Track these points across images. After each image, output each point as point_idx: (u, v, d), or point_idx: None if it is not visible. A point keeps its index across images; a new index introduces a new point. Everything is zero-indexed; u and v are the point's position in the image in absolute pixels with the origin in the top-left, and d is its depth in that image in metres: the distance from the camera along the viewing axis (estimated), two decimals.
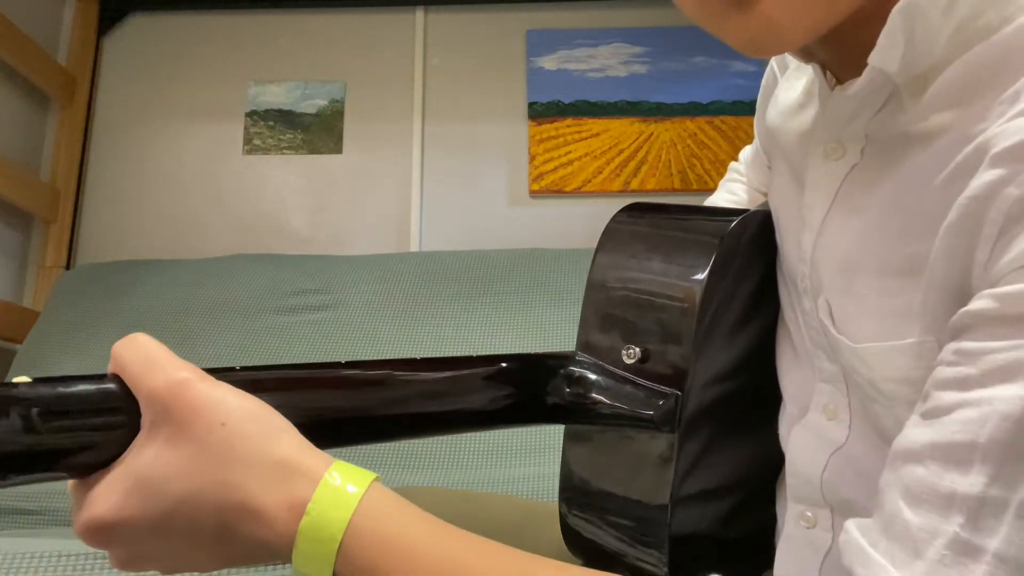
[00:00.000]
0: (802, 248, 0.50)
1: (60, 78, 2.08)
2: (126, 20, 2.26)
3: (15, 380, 0.35)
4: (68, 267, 2.04)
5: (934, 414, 0.34)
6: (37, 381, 0.35)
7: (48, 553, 0.86)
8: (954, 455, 0.33)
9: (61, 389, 0.36)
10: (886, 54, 0.40)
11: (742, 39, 0.41)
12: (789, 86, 0.57)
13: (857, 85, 0.43)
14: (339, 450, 0.47)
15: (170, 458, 0.35)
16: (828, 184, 0.48)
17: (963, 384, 0.34)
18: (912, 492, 0.34)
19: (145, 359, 0.37)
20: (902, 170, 0.42)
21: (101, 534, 0.35)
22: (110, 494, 0.35)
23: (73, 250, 2.09)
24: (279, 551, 0.35)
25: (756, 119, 0.68)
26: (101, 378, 0.38)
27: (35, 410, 0.34)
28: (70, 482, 0.38)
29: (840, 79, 0.48)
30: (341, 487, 0.35)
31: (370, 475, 0.37)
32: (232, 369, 0.40)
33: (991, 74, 0.38)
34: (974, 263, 0.36)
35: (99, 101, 2.20)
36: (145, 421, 0.36)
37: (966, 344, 0.34)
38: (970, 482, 0.32)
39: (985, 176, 0.35)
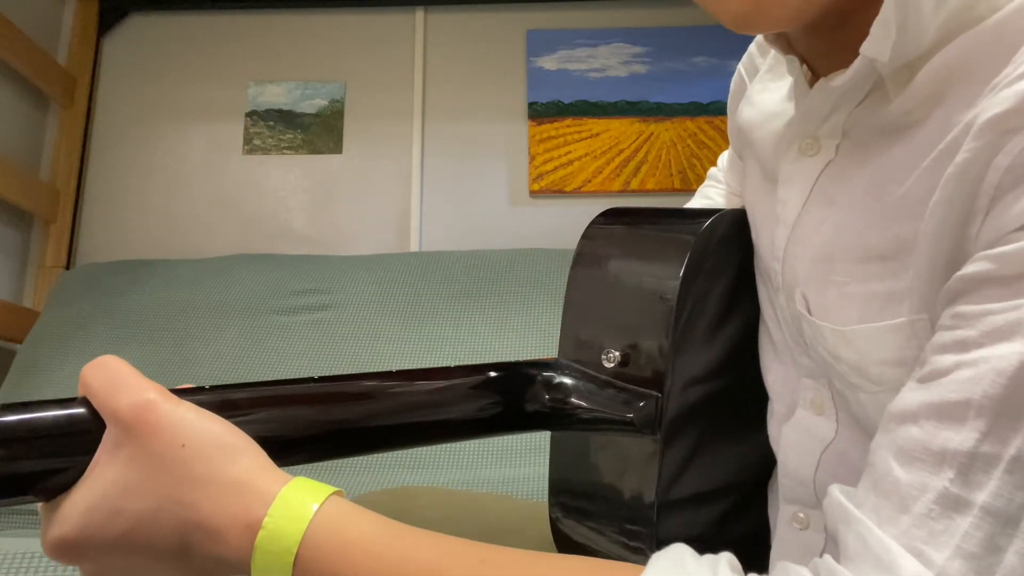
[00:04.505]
0: (775, 244, 0.50)
1: (60, 78, 2.08)
2: (126, 20, 2.26)
3: None
4: (68, 267, 2.04)
5: (931, 377, 0.35)
6: (4, 407, 0.36)
7: None
8: (948, 413, 0.33)
9: (26, 415, 0.36)
10: (879, 44, 0.40)
11: (731, 15, 0.42)
12: (763, 87, 0.57)
13: (844, 76, 0.43)
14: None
15: (130, 478, 0.36)
16: (803, 180, 0.48)
17: (961, 346, 0.34)
18: (904, 451, 0.34)
19: (111, 380, 0.37)
20: (882, 160, 0.43)
21: (67, 552, 0.36)
22: (73, 512, 0.36)
23: (73, 250, 2.09)
24: (239, 566, 0.36)
25: (728, 121, 0.68)
26: (70, 402, 0.38)
27: None
28: (39, 504, 0.38)
29: (817, 74, 0.48)
30: (297, 502, 0.36)
31: (329, 489, 0.38)
32: (201, 388, 0.40)
33: (978, 62, 0.38)
34: (966, 237, 0.36)
35: (99, 101, 2.20)
36: (108, 440, 0.37)
37: (963, 307, 0.34)
38: (962, 438, 0.32)
39: (971, 146, 0.35)
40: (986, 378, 0.32)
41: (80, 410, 0.37)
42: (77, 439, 0.37)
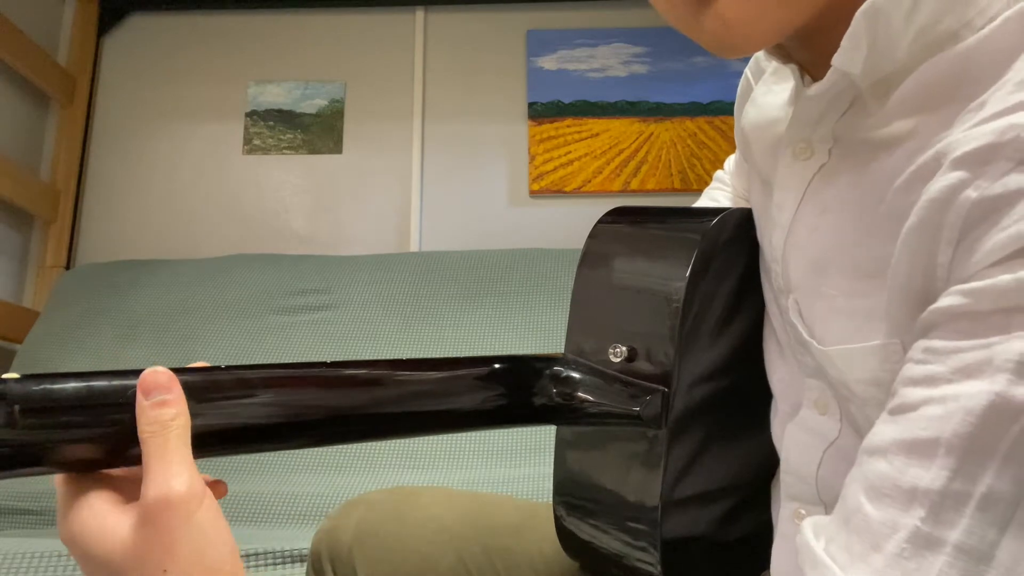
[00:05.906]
0: (773, 247, 0.50)
1: (60, 78, 2.08)
2: (126, 20, 2.26)
3: (4, 376, 0.35)
4: (68, 267, 2.04)
5: (900, 410, 0.35)
6: (26, 378, 0.36)
7: (48, 553, 0.86)
8: (917, 450, 0.33)
9: (48, 386, 0.36)
10: (849, 56, 0.40)
11: (709, 39, 0.42)
12: (767, 89, 0.58)
13: (819, 87, 0.43)
14: (340, 453, 0.47)
15: (118, 560, 0.36)
16: (797, 184, 0.48)
17: (930, 381, 0.34)
18: (874, 487, 0.34)
19: (160, 456, 0.37)
20: (868, 172, 0.43)
21: (75, 549, 0.38)
22: (81, 528, 0.37)
23: (73, 250, 2.09)
24: None
25: (735, 125, 0.68)
26: (92, 375, 0.38)
27: (17, 407, 0.35)
28: (58, 476, 0.38)
29: (817, 80, 0.48)
30: None
31: None
32: (217, 368, 0.41)
33: (954, 85, 0.38)
34: (936, 266, 0.36)
35: (99, 101, 2.20)
36: (140, 514, 0.37)
37: (935, 342, 0.34)
38: (932, 476, 0.32)
39: (944, 179, 0.35)
40: (956, 416, 0.32)
41: (101, 383, 0.37)
42: (96, 413, 0.37)
